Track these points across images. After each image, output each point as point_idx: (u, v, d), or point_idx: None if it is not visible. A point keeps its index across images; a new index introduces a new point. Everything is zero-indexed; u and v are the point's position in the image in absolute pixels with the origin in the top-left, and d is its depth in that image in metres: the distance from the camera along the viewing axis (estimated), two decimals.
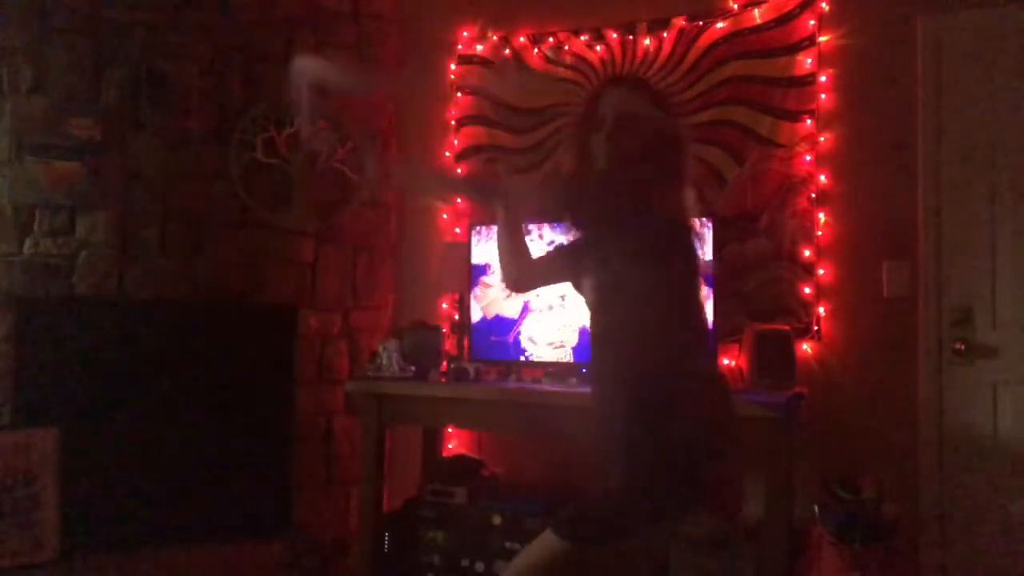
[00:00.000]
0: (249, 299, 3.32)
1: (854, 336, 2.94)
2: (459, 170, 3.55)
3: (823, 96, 3.00)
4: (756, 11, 3.11)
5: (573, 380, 2.98)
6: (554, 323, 3.06)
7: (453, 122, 3.62)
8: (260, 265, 3.33)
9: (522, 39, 3.48)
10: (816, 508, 2.64)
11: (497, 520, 2.94)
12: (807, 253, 2.99)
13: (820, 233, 2.99)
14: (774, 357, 2.78)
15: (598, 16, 3.35)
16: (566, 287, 1.95)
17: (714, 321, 2.82)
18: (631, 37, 3.30)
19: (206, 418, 3.26)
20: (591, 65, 3.37)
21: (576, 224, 1.79)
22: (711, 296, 2.82)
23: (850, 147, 2.98)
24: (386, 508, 3.21)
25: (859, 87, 2.98)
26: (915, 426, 2.84)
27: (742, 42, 3.12)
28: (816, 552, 2.65)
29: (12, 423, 3.06)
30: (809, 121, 3.01)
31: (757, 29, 3.10)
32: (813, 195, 3.00)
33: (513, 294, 3.01)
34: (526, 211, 2.04)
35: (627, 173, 1.69)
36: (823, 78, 3.01)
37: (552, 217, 1.97)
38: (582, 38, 3.38)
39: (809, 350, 2.97)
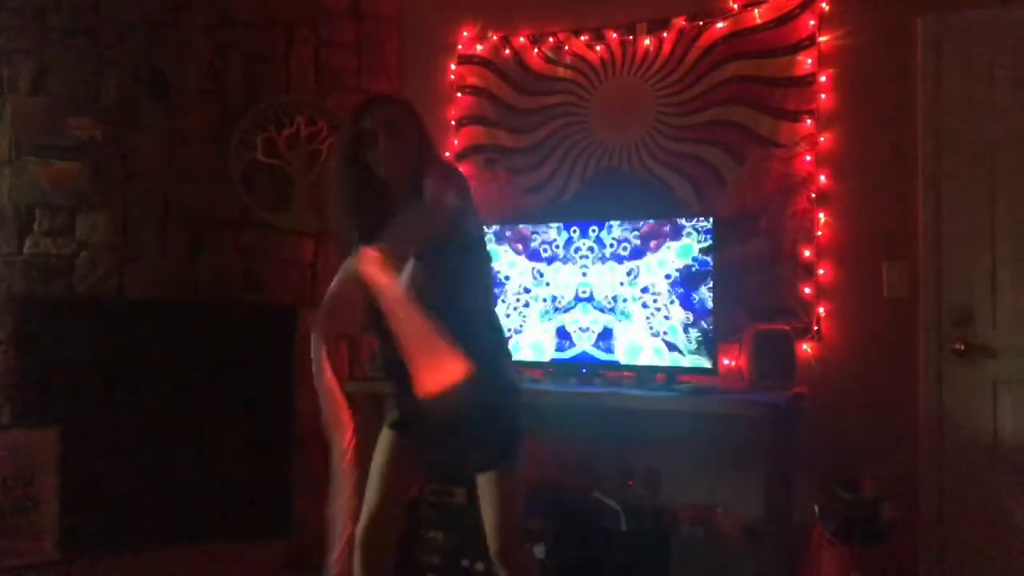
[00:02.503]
0: (249, 299, 3.32)
1: (854, 336, 2.94)
2: None
3: (823, 96, 3.00)
4: (756, 11, 3.10)
5: (573, 380, 2.99)
6: (553, 324, 3.07)
7: (453, 122, 3.62)
8: (260, 265, 3.33)
9: (522, 39, 3.48)
10: (816, 508, 2.64)
11: None
12: (807, 253, 2.99)
13: (820, 233, 2.98)
14: (774, 357, 2.78)
15: (598, 16, 3.36)
16: None
17: (714, 321, 2.83)
18: (631, 37, 3.30)
19: (206, 418, 3.26)
20: (591, 65, 3.37)
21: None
22: (711, 296, 2.83)
23: (850, 147, 2.98)
24: None
25: (859, 87, 2.97)
26: (915, 426, 2.84)
27: (742, 42, 3.12)
28: (816, 552, 2.64)
29: (12, 423, 3.06)
30: (809, 121, 3.01)
31: (757, 29, 3.10)
32: (813, 195, 2.99)
33: None
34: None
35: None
36: (823, 78, 3.00)
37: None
38: (582, 38, 3.38)
39: (809, 350, 2.97)
